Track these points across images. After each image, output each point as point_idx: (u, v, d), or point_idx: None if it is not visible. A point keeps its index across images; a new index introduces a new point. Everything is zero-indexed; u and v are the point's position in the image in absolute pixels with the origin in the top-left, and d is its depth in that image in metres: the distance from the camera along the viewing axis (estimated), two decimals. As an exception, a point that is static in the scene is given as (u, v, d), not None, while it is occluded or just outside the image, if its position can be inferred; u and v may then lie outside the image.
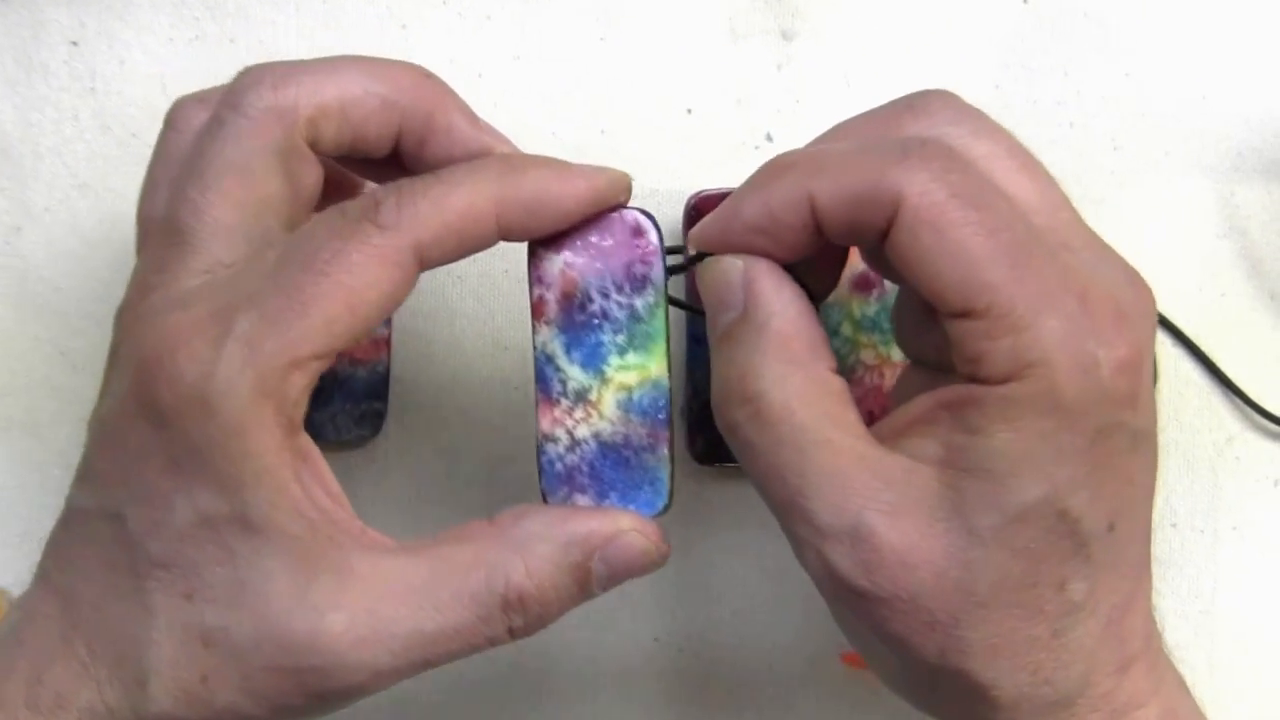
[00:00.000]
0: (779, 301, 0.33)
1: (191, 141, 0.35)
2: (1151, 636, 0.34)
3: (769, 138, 0.47)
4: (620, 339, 0.35)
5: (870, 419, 0.33)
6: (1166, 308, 0.47)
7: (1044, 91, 0.47)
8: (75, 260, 0.46)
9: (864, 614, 0.32)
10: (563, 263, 0.36)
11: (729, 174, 0.47)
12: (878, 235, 0.32)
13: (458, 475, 0.46)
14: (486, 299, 0.46)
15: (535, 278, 0.36)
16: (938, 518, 0.31)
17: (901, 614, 0.31)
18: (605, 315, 0.36)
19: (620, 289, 0.35)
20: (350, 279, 0.31)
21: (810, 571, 0.32)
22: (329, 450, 0.45)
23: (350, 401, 0.45)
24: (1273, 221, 0.47)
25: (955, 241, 0.30)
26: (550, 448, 0.36)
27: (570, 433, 0.36)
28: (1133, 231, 0.47)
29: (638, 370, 0.35)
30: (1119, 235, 0.47)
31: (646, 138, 0.47)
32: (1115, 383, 0.30)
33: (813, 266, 0.35)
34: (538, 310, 0.36)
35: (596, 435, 0.36)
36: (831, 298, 0.38)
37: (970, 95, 0.47)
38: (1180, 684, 0.35)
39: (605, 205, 0.35)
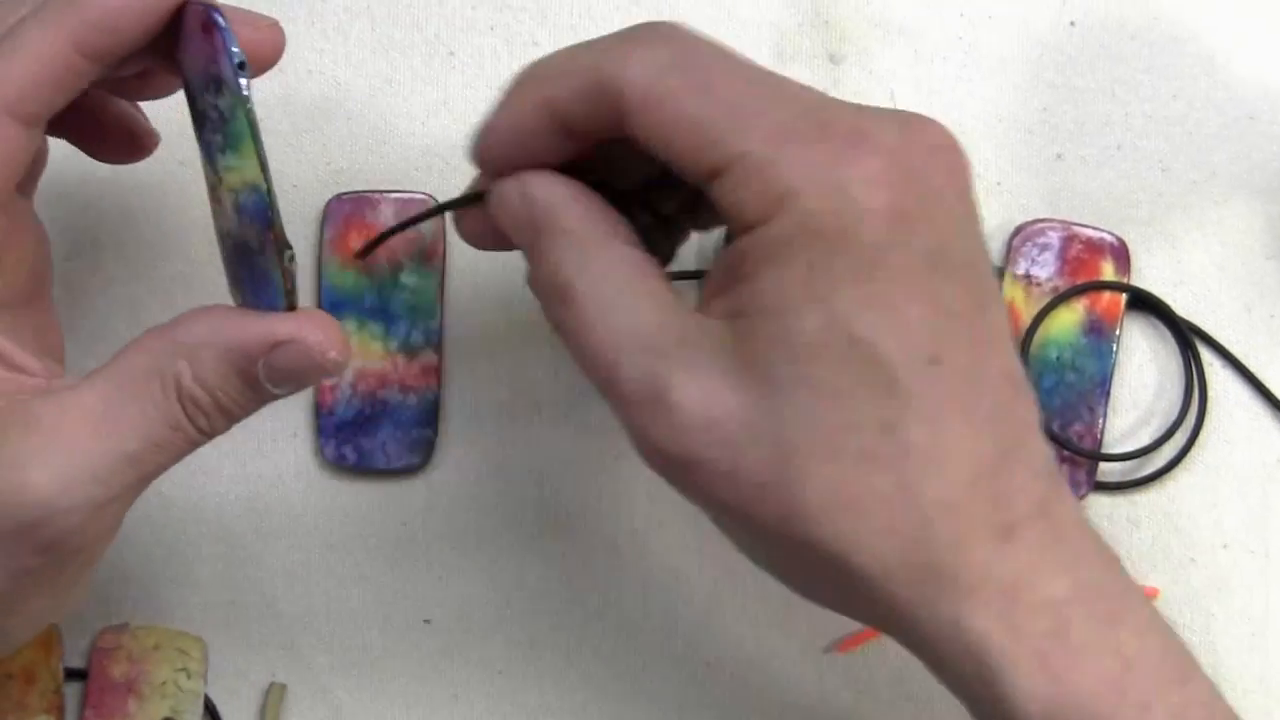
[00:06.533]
0: (560, 198, 0.33)
1: None
2: (1050, 503, 0.31)
3: (814, 160, 0.47)
4: (219, 139, 0.34)
5: None
6: (1215, 329, 0.47)
7: (1091, 113, 0.47)
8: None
9: (692, 487, 0.32)
10: (180, 64, 0.35)
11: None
12: (622, 125, 0.32)
13: (509, 500, 0.46)
14: (540, 326, 0.46)
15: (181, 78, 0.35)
16: (733, 369, 0.31)
17: (724, 477, 0.31)
18: (205, 115, 0.34)
19: (207, 89, 0.33)
20: None
21: (639, 453, 0.32)
22: (380, 479, 0.45)
23: (400, 429, 0.45)
24: (1321, 242, 0.47)
25: (676, 109, 0.31)
26: (218, 242, 0.36)
27: (219, 227, 0.36)
28: (1181, 253, 0.47)
29: (238, 171, 0.33)
30: (1167, 257, 0.47)
31: (692, 161, 0.47)
32: (873, 199, 0.30)
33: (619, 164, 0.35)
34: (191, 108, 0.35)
35: (229, 233, 0.35)
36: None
37: (1018, 117, 0.47)
38: (1114, 563, 0.32)
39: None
